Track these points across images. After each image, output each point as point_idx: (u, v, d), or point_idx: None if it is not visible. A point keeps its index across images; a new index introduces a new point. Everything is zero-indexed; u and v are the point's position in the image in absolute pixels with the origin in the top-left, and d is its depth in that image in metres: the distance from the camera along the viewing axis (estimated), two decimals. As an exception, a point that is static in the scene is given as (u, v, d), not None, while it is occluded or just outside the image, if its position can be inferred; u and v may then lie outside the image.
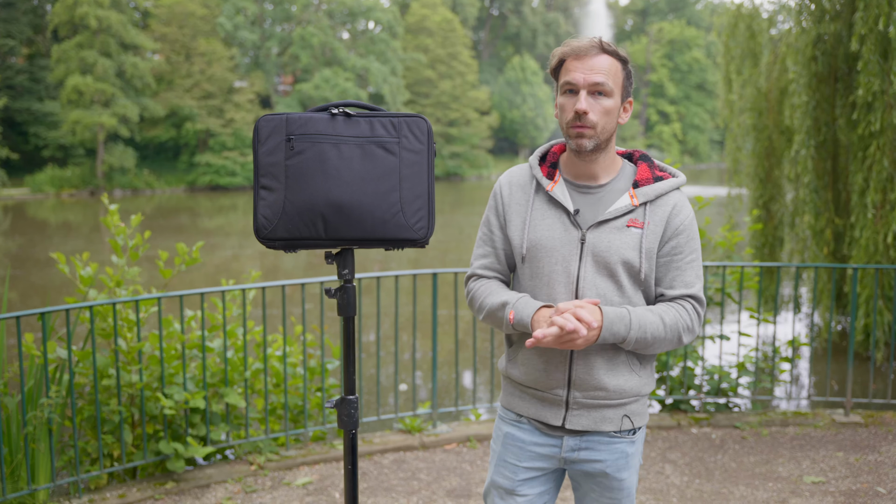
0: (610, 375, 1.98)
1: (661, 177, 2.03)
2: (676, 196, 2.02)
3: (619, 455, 2.04)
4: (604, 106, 1.93)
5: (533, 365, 2.03)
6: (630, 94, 2.01)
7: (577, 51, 1.95)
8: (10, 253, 19.57)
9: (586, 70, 1.92)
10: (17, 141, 36.63)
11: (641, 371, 2.03)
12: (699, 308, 2.01)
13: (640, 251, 1.94)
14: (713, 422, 5.13)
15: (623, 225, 1.96)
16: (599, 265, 1.96)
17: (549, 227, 2.02)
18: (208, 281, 13.64)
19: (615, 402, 2.01)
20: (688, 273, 1.99)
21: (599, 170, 2.02)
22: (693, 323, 1.98)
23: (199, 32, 41.36)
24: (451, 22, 49.28)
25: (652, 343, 1.94)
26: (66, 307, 3.91)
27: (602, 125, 1.94)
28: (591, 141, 1.95)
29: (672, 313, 1.96)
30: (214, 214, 30.16)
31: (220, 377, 4.46)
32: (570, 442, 2.04)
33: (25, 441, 3.83)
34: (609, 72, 1.93)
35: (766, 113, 10.87)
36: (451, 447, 4.78)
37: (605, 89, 1.92)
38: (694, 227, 2.02)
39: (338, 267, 2.04)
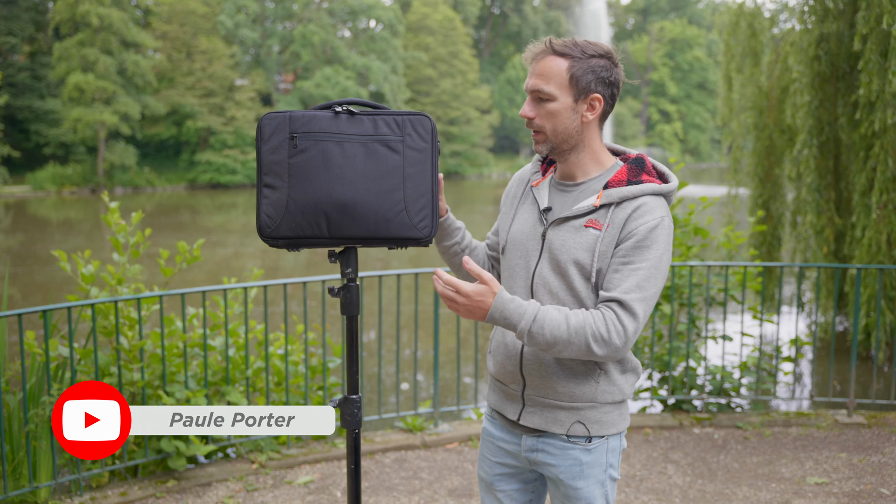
0: (560, 377, 1.93)
1: (641, 180, 1.92)
2: (646, 200, 1.87)
3: (571, 462, 1.97)
4: (546, 110, 1.90)
5: (497, 356, 2.05)
6: (595, 89, 1.90)
7: (530, 55, 1.94)
8: (12, 250, 19.56)
9: (531, 75, 1.92)
10: (18, 138, 36.61)
11: (602, 378, 1.93)
12: (625, 319, 1.80)
13: (592, 253, 1.87)
14: (715, 422, 5.12)
15: (581, 225, 1.90)
16: (553, 263, 1.93)
17: (524, 221, 2.04)
18: (209, 279, 13.63)
19: (566, 404, 1.94)
20: (627, 280, 1.82)
21: (575, 170, 1.99)
22: (608, 333, 1.79)
23: (199, 30, 41.33)
24: (452, 20, 49.24)
25: (552, 343, 1.81)
26: (67, 305, 3.91)
27: (551, 128, 1.91)
28: (544, 145, 1.95)
29: (581, 317, 1.81)
30: (215, 212, 30.15)
31: (222, 376, 4.45)
32: (528, 441, 2.02)
33: (27, 439, 3.82)
34: (549, 74, 1.88)
35: (766, 112, 10.85)
36: (452, 446, 4.78)
37: (543, 94, 1.89)
38: (655, 236, 1.84)
39: (341, 266, 2.03)
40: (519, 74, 53.64)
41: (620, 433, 2.03)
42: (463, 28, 50.35)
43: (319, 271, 14.66)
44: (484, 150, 51.32)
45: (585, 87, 1.90)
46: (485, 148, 51.54)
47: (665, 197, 1.93)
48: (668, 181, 1.97)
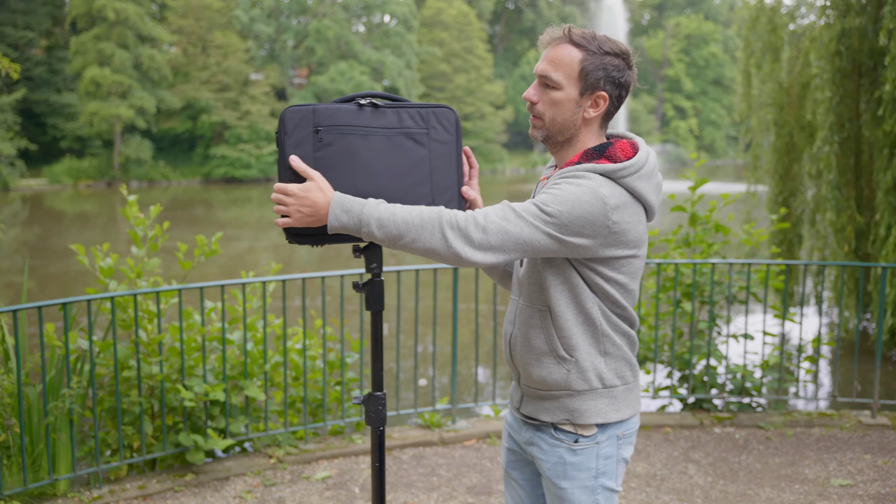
0: (533, 365, 1.91)
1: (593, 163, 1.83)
2: (575, 171, 1.81)
3: (556, 460, 1.92)
4: (549, 97, 1.86)
5: (503, 345, 2.07)
6: (602, 87, 1.84)
7: (547, 40, 1.89)
8: (28, 243, 19.68)
9: (542, 60, 1.88)
10: (35, 132, 36.84)
11: (572, 365, 1.86)
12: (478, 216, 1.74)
13: None
14: (736, 421, 5.06)
15: None
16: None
17: None
18: (223, 272, 13.66)
19: (545, 392, 1.92)
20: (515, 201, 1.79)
21: (561, 162, 1.96)
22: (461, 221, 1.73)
23: (215, 25, 41.42)
24: (466, 15, 49.11)
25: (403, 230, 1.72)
26: (87, 298, 3.90)
27: (549, 116, 1.87)
28: (539, 132, 1.91)
29: (436, 207, 1.78)
30: (229, 206, 30.24)
31: (240, 370, 4.43)
32: (526, 434, 2.01)
33: (47, 431, 3.82)
34: (561, 62, 1.84)
35: (787, 108, 10.74)
36: (470, 443, 4.74)
37: (550, 81, 1.85)
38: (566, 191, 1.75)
39: (366, 261, 1.99)
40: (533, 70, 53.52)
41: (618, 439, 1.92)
42: (477, 23, 50.21)
43: (334, 265, 14.67)
44: (498, 145, 51.21)
45: (594, 82, 1.85)
46: (499, 143, 51.44)
47: (606, 175, 1.80)
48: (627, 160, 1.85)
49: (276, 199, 1.81)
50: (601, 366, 1.90)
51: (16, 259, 16.92)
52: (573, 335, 1.88)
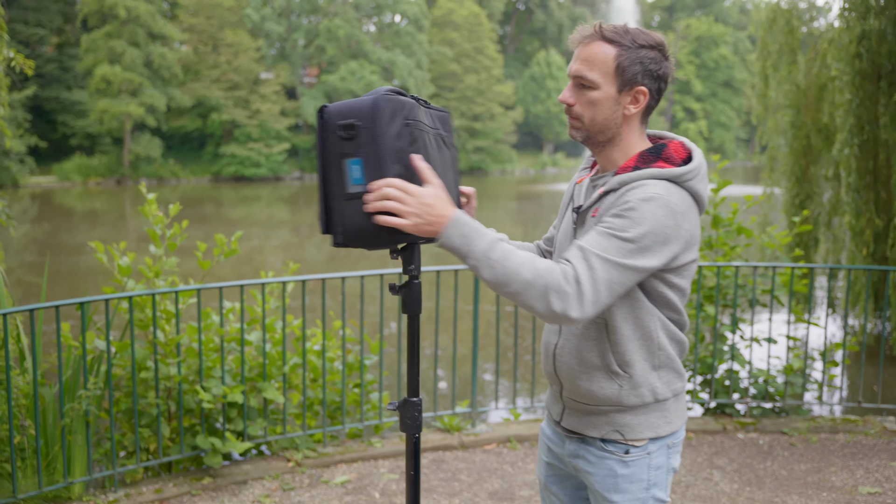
0: (583, 378, 1.84)
1: (651, 167, 1.77)
2: (646, 182, 1.72)
3: (606, 472, 1.85)
4: (587, 98, 1.79)
5: (541, 355, 1.99)
6: (641, 82, 1.77)
7: (578, 38, 1.82)
8: (38, 240, 19.70)
9: (575, 59, 1.80)
10: (45, 129, 36.94)
11: (625, 380, 1.80)
12: (583, 280, 1.62)
13: None
14: (760, 427, 4.98)
15: (590, 216, 1.82)
16: None
17: (566, 222, 1.96)
18: (234, 272, 13.62)
19: (593, 407, 1.84)
20: (597, 238, 1.67)
21: (607, 163, 1.88)
22: (570, 287, 1.61)
23: (226, 23, 41.47)
24: (477, 16, 49.04)
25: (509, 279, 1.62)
26: (105, 297, 3.84)
27: (589, 117, 1.80)
28: (578, 133, 1.83)
29: (549, 263, 1.65)
30: (239, 204, 30.23)
31: (258, 371, 4.37)
32: (570, 446, 1.93)
33: (62, 433, 3.77)
34: (596, 61, 1.76)
35: (804, 110, 10.64)
36: (490, 447, 4.67)
37: (586, 81, 1.77)
38: (643, 210, 1.66)
39: (403, 262, 1.92)
40: (543, 71, 53.35)
41: (668, 448, 1.87)
42: (488, 24, 50.13)
43: (345, 265, 14.61)
44: (507, 146, 51.13)
45: (631, 78, 1.77)
46: (508, 144, 51.35)
47: (673, 182, 1.74)
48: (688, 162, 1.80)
49: (392, 195, 1.63)
50: (654, 380, 1.84)
51: (25, 256, 16.92)
52: (629, 350, 1.80)
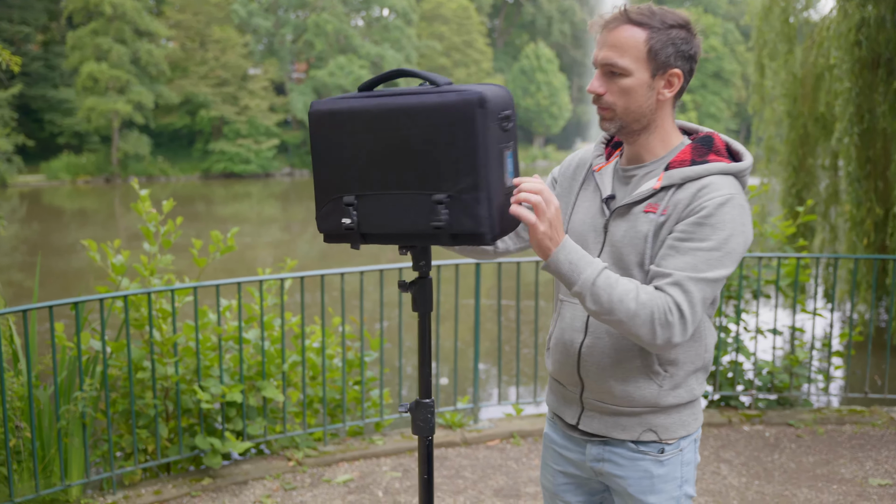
0: (617, 379, 1.74)
1: (707, 160, 1.70)
2: (713, 179, 1.66)
3: (642, 474, 1.78)
4: (619, 86, 1.69)
5: (555, 354, 1.86)
6: (674, 63, 1.69)
7: (601, 23, 1.73)
8: (29, 240, 19.51)
9: (602, 46, 1.70)
10: (32, 128, 36.61)
11: (666, 380, 1.73)
12: (684, 308, 1.58)
13: (645, 241, 1.68)
14: (765, 419, 4.92)
15: (641, 211, 1.71)
16: (615, 257, 1.74)
17: (585, 210, 1.84)
18: (226, 269, 13.49)
19: (626, 409, 1.76)
20: (683, 257, 1.61)
21: (644, 151, 1.78)
22: (672, 317, 1.58)
23: (213, 19, 41.19)
24: (466, 9, 48.88)
25: (614, 308, 1.58)
26: (100, 297, 3.75)
27: (622, 106, 1.70)
28: (612, 124, 1.73)
29: (651, 292, 1.60)
30: (229, 202, 30.07)
31: (257, 370, 4.28)
32: (593, 450, 1.83)
33: (58, 435, 3.67)
34: (625, 46, 1.67)
35: (800, 100, 10.58)
36: (494, 443, 4.60)
37: (616, 68, 1.67)
38: (723, 214, 1.62)
39: (414, 258, 1.83)
40: (532, 64, 53.19)
41: (694, 442, 1.83)
42: (477, 17, 49.99)
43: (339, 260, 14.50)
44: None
45: (664, 61, 1.69)
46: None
47: (736, 177, 1.70)
48: (736, 158, 1.76)
49: (533, 201, 1.57)
50: (693, 381, 1.77)
51: (15, 256, 16.75)
52: (678, 350, 1.72)
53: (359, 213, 1.66)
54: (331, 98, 1.68)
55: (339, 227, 1.68)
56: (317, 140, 1.67)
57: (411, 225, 1.63)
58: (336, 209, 1.67)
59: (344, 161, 1.66)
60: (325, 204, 1.68)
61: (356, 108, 1.64)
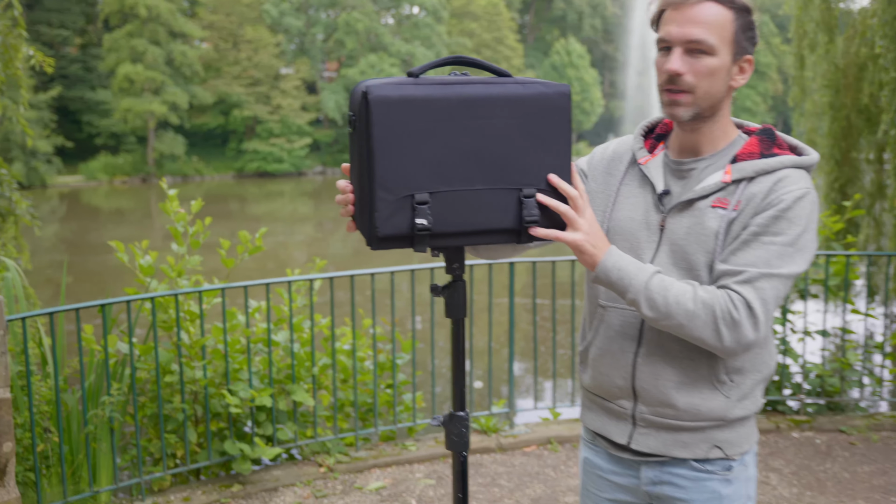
0: (681, 390, 1.60)
1: (775, 153, 1.58)
2: (788, 172, 1.56)
3: (708, 496, 1.63)
4: (705, 65, 1.55)
5: (598, 366, 1.70)
6: (749, 49, 1.59)
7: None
8: (66, 239, 19.76)
9: (683, 22, 1.55)
10: (70, 129, 37.17)
11: (733, 390, 1.60)
12: (753, 302, 1.47)
13: (716, 238, 1.55)
14: (815, 425, 4.71)
15: (708, 206, 1.58)
16: (676, 256, 1.59)
17: (632, 207, 1.68)
18: (259, 268, 13.49)
19: (689, 423, 1.61)
20: (755, 252, 1.50)
21: (704, 142, 1.63)
22: (739, 315, 1.47)
23: (245, 20, 41.46)
24: (496, 5, 48.63)
25: (671, 312, 1.49)
26: (126, 299, 3.67)
27: (704, 89, 1.55)
28: (687, 109, 1.57)
29: (712, 291, 1.50)
30: (262, 200, 30.22)
31: (287, 373, 4.18)
32: (649, 473, 1.67)
33: (86, 440, 3.60)
34: (714, 24, 1.54)
35: (843, 91, 10.26)
36: (530, 450, 4.45)
37: (704, 46, 1.54)
38: (800, 208, 1.52)
39: (447, 260, 1.68)
40: (563, 60, 52.72)
41: (755, 456, 1.70)
42: (507, 13, 49.71)
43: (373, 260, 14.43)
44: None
45: (744, 46, 1.58)
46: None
47: (807, 171, 1.60)
48: (800, 152, 1.64)
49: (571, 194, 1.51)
50: (758, 390, 1.64)
51: (54, 255, 16.95)
52: (746, 356, 1.59)
53: (432, 212, 1.49)
54: (385, 82, 1.47)
55: (407, 228, 1.47)
56: (383, 131, 1.44)
57: (491, 222, 1.51)
58: (400, 209, 1.47)
59: (416, 155, 1.47)
60: (390, 204, 1.47)
61: (434, 96, 1.47)
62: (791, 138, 1.66)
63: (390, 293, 4.38)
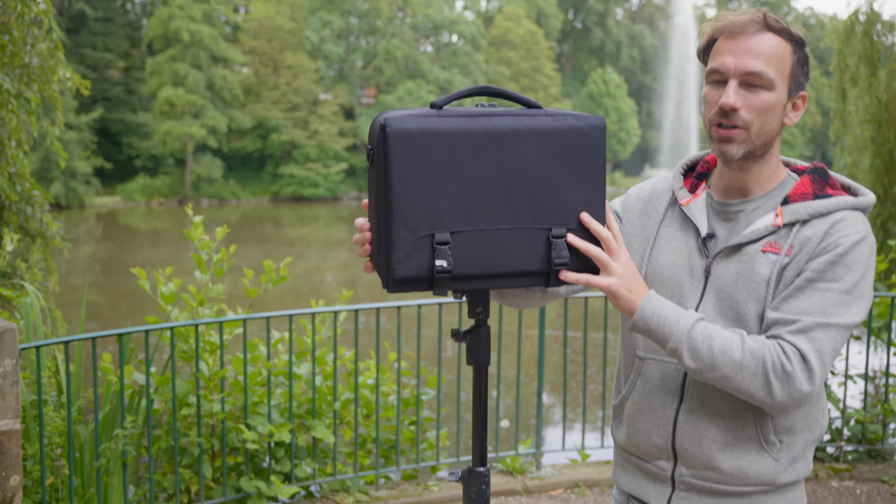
0: (727, 452, 1.47)
1: (829, 194, 1.48)
2: (846, 214, 1.45)
3: None
4: (762, 101, 1.44)
5: (635, 423, 1.57)
6: (803, 85, 1.49)
7: (731, 27, 1.46)
8: (102, 259, 20.00)
9: (740, 53, 1.44)
10: (111, 151, 37.87)
11: (782, 452, 1.48)
12: (809, 354, 1.35)
13: (767, 286, 1.43)
14: (855, 474, 4.48)
15: (758, 251, 1.46)
16: (723, 305, 1.47)
17: (673, 251, 1.57)
18: (290, 292, 13.48)
19: (735, 488, 1.48)
20: (810, 300, 1.39)
21: (752, 183, 1.52)
22: (792, 367, 1.35)
23: (286, 46, 42.05)
24: (535, 35, 48.79)
25: (717, 362, 1.37)
26: (145, 328, 3.60)
27: (758, 126, 1.44)
28: (740, 147, 1.46)
29: (761, 340, 1.39)
30: (297, 224, 30.42)
31: (307, 407, 4.08)
32: None
33: (98, 474, 3.52)
34: (772, 56, 1.43)
35: (885, 125, 10.03)
36: (557, 493, 4.29)
37: (763, 80, 1.42)
38: (859, 253, 1.41)
39: (470, 304, 1.57)
40: (600, 89, 52.61)
41: None
42: (545, 42, 49.83)
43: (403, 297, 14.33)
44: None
45: (800, 81, 1.48)
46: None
47: (864, 212, 1.50)
48: (855, 193, 1.52)
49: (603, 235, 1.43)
50: (809, 452, 1.52)
51: (88, 276, 17.13)
52: (797, 414, 1.48)
53: (453, 253, 1.39)
54: (406, 114, 1.38)
55: (426, 270, 1.38)
56: (401, 165, 1.34)
57: (517, 264, 1.42)
58: (419, 249, 1.37)
59: (437, 191, 1.37)
60: (408, 243, 1.37)
61: (457, 129, 1.38)
62: (844, 178, 1.54)
63: (416, 326, 4.26)
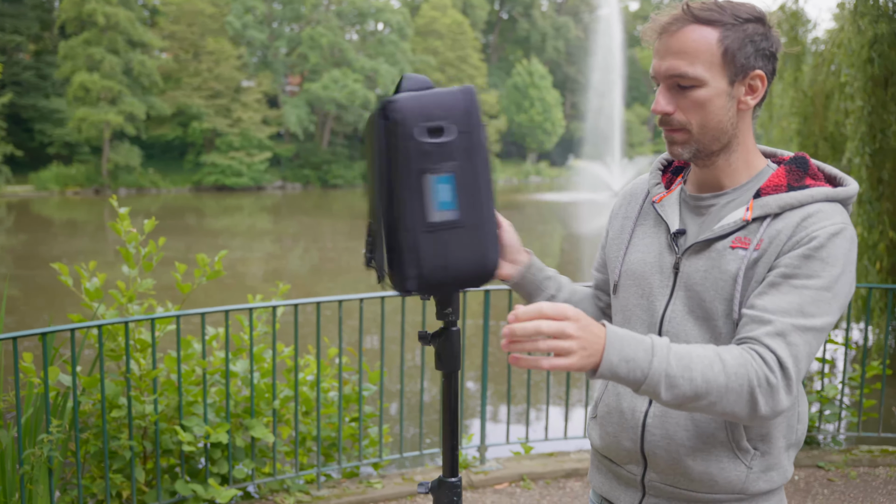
0: (696, 457, 1.41)
1: (807, 185, 1.40)
2: (820, 206, 1.37)
3: None
4: (693, 100, 1.38)
5: (605, 425, 1.52)
6: (756, 64, 1.38)
7: (657, 28, 1.40)
8: (14, 251, 19.07)
9: (664, 55, 1.39)
10: (22, 138, 36.20)
11: (756, 460, 1.40)
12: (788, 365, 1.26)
13: (735, 283, 1.36)
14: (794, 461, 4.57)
15: (727, 246, 1.39)
16: (692, 303, 1.40)
17: (645, 248, 1.51)
18: (218, 285, 13.10)
19: (704, 495, 1.42)
20: (785, 296, 1.30)
21: (722, 176, 1.45)
22: (776, 378, 1.25)
23: (207, 31, 40.95)
24: (461, 25, 48.85)
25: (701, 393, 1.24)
26: (70, 327, 3.37)
27: (698, 124, 1.38)
28: (685, 148, 1.41)
29: (738, 354, 1.27)
30: (221, 215, 29.68)
31: (245, 406, 3.91)
32: None
33: (21, 482, 3.29)
34: (696, 51, 1.36)
35: (811, 118, 10.33)
36: (502, 487, 4.24)
37: (688, 79, 1.36)
38: (835, 246, 1.32)
39: (438, 305, 1.46)
40: (525, 80, 53.07)
41: None
42: (471, 32, 49.95)
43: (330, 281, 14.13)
44: (491, 155, 50.74)
45: (745, 63, 1.37)
46: (492, 153, 51.02)
47: (843, 204, 1.41)
48: (838, 183, 1.44)
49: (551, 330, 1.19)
50: (785, 460, 1.44)
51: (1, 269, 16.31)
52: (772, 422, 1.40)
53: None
54: None
55: None
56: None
57: None
58: None
59: None
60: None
61: None
62: (830, 167, 1.46)
63: (358, 320, 4.13)
